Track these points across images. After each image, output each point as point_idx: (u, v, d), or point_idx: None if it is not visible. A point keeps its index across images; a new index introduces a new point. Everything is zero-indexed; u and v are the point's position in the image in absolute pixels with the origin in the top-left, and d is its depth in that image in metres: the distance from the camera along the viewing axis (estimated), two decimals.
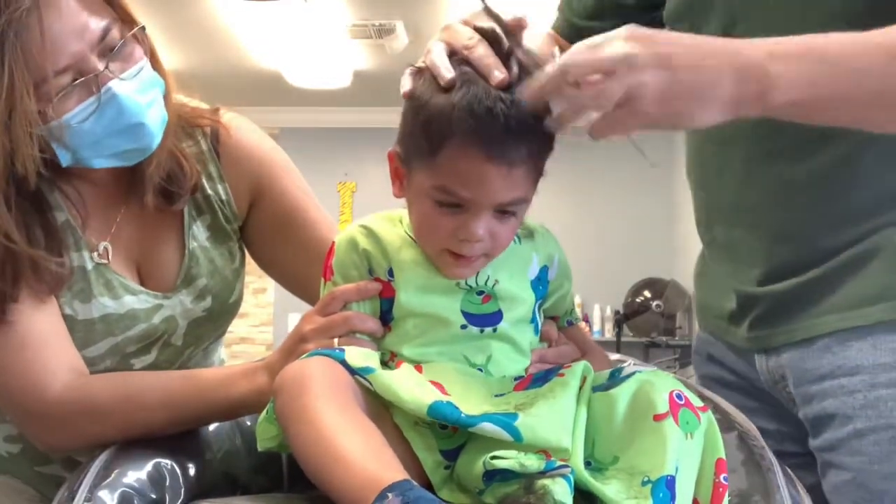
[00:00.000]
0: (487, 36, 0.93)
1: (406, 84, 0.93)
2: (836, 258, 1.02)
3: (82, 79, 1.00)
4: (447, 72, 0.90)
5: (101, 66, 1.01)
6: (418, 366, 0.92)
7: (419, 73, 0.94)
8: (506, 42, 0.92)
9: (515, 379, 0.94)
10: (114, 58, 1.03)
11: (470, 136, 0.87)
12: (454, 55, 0.93)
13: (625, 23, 1.22)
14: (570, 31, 1.27)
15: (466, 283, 0.95)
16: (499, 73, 0.89)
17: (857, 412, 0.99)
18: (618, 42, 0.81)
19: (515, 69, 0.89)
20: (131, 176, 1.17)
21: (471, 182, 0.88)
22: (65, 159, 1.04)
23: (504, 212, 0.91)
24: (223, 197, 1.23)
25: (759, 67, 0.82)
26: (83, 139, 1.03)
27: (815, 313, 1.04)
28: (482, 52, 0.91)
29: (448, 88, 0.89)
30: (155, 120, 1.08)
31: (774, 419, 1.12)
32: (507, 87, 0.88)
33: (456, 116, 0.87)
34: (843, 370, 1.01)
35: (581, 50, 0.82)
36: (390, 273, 0.96)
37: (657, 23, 1.20)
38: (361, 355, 0.89)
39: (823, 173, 1.02)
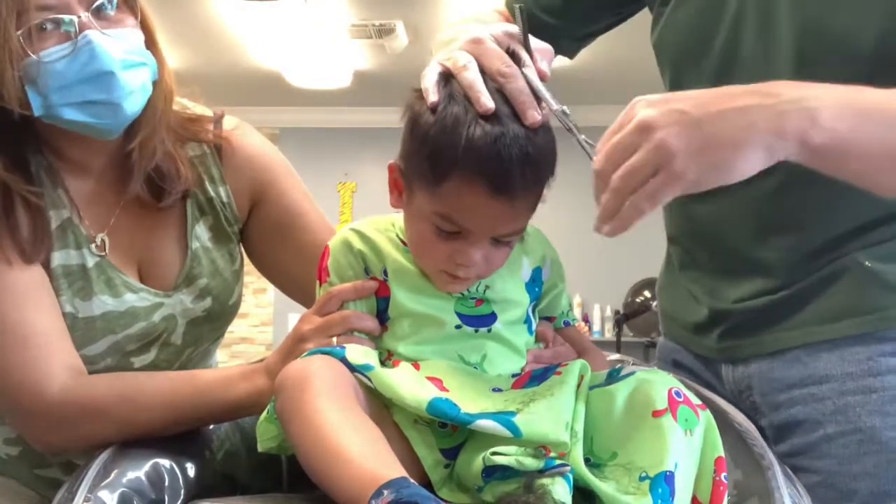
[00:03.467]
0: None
1: (432, 93, 0.90)
2: (806, 279, 1.06)
3: (62, 15, 1.02)
4: (488, 101, 0.87)
5: (84, 15, 1.03)
6: (416, 363, 0.92)
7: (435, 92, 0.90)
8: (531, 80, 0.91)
9: (513, 376, 0.94)
10: (100, 14, 1.05)
11: (477, 172, 0.86)
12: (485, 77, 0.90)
13: (590, 22, 1.22)
14: (533, 23, 1.25)
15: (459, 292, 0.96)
16: (535, 114, 0.88)
17: (827, 418, 1.04)
18: (632, 117, 0.80)
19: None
20: (123, 169, 1.17)
21: (473, 215, 0.89)
22: (36, 104, 1.05)
23: (502, 240, 0.92)
24: (224, 199, 1.24)
25: (797, 102, 0.80)
26: (53, 80, 1.03)
27: (785, 328, 1.08)
28: (520, 87, 0.89)
29: (458, 121, 0.86)
30: (131, 80, 1.07)
31: None
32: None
33: (465, 152, 0.86)
34: (812, 379, 1.06)
35: (603, 141, 0.82)
36: (385, 273, 0.96)
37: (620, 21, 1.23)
38: (361, 353, 0.89)
39: (801, 211, 1.05)
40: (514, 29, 0.97)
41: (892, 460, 1.02)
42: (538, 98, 0.90)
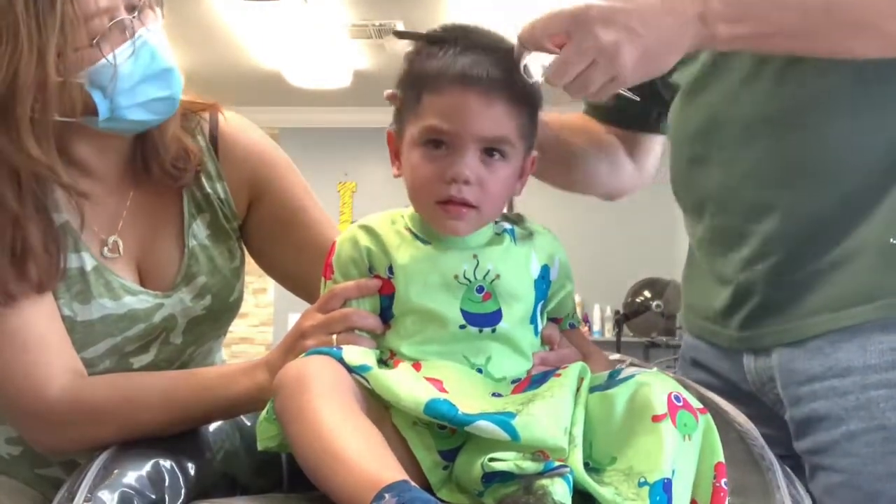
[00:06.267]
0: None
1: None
2: (824, 257, 1.03)
3: (121, 17, 1.03)
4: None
5: (132, 16, 1.04)
6: (417, 363, 0.92)
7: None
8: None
9: (513, 382, 0.94)
10: (139, 15, 1.06)
11: (450, 73, 0.93)
12: None
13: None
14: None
15: (465, 277, 0.95)
16: None
17: (850, 414, 1.01)
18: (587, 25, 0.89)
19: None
20: (140, 163, 1.17)
21: (451, 113, 0.93)
22: (103, 109, 1.05)
23: (490, 153, 0.94)
24: (222, 195, 1.23)
25: (705, 15, 0.91)
26: (121, 83, 1.04)
27: (805, 313, 1.05)
28: None
29: (436, 52, 0.96)
30: (180, 74, 1.10)
31: (760, 422, 1.13)
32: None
33: (439, 65, 0.94)
34: (833, 372, 1.02)
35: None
36: (390, 270, 0.97)
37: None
38: (359, 354, 0.89)
39: (805, 148, 1.05)
40: None
41: None
42: None
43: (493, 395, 0.90)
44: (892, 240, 1.00)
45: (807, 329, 1.04)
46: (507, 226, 1.01)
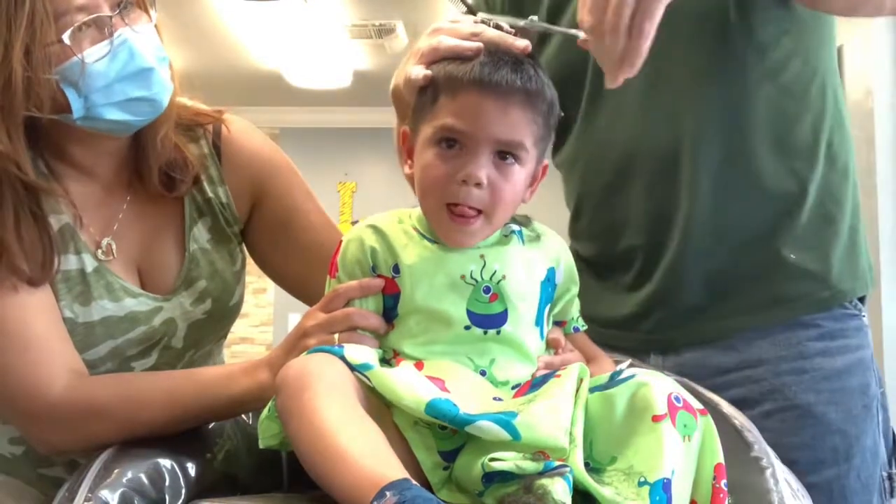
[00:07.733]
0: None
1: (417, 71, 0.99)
2: (737, 269, 1.16)
3: (97, 14, 1.02)
4: (471, 45, 0.97)
5: (112, 14, 1.04)
6: (419, 362, 0.92)
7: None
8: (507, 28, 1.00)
9: (514, 387, 0.94)
10: (124, 13, 1.05)
11: (467, 77, 0.93)
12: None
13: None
14: None
15: (472, 277, 0.95)
16: (520, 42, 0.97)
17: (765, 396, 1.16)
18: None
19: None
20: (133, 168, 1.17)
21: (467, 115, 0.92)
22: (77, 107, 1.05)
23: (503, 157, 0.94)
24: (224, 200, 1.23)
25: None
26: (95, 81, 1.04)
27: (718, 316, 1.17)
28: (494, 33, 0.98)
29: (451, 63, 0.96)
30: (164, 75, 1.09)
31: None
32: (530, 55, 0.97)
33: (458, 70, 0.95)
34: (747, 363, 1.16)
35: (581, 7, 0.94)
36: (395, 270, 0.97)
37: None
38: (361, 352, 0.89)
39: (724, 175, 1.14)
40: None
41: (826, 432, 1.15)
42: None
43: (494, 399, 0.90)
44: (791, 256, 1.14)
45: (720, 330, 1.17)
46: (515, 227, 1.01)
